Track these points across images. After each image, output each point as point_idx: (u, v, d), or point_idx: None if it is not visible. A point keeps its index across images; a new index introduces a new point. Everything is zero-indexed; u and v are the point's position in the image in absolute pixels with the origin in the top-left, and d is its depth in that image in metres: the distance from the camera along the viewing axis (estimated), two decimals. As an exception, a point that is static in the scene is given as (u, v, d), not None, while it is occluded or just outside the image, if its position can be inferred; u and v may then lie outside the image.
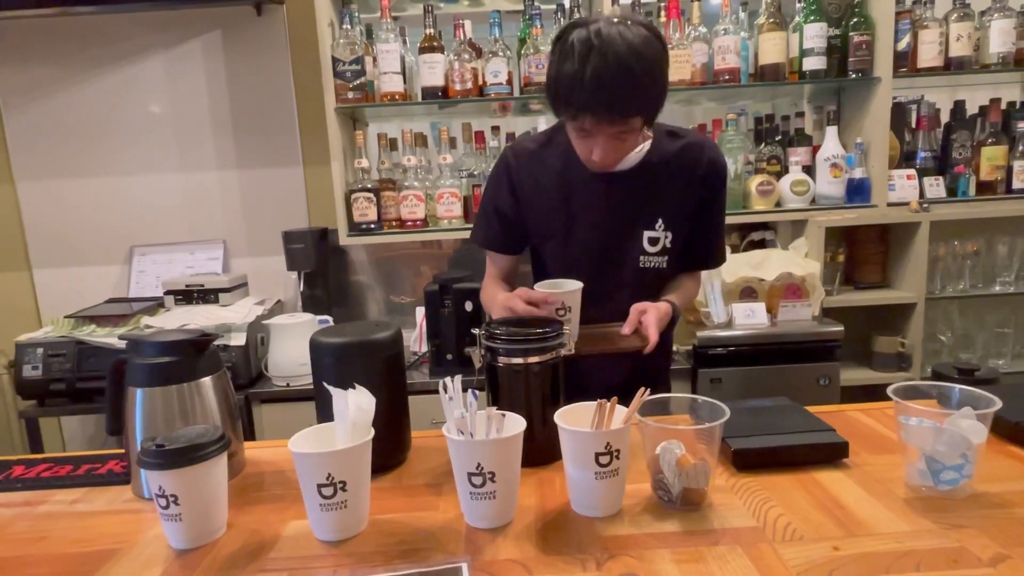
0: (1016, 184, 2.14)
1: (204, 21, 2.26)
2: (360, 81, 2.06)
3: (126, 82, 2.28)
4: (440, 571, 0.62)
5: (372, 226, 2.11)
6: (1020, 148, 2.13)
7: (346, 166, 2.14)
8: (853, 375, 2.17)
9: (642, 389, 0.73)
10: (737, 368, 1.99)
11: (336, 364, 0.84)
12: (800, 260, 2.08)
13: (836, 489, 0.76)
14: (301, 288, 2.20)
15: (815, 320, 2.04)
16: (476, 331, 0.90)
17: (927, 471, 0.73)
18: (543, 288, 1.01)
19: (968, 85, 2.32)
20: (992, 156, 2.14)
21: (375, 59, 2.08)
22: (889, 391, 0.76)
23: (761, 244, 2.28)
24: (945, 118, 2.25)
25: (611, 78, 0.88)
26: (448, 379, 0.73)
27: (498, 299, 1.07)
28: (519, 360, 0.86)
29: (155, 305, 2.12)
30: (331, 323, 2.04)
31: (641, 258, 1.12)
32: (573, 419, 0.74)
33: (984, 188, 2.15)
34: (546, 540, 0.68)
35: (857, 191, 2.12)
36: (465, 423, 0.69)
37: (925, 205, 2.09)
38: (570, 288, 1.00)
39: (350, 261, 2.41)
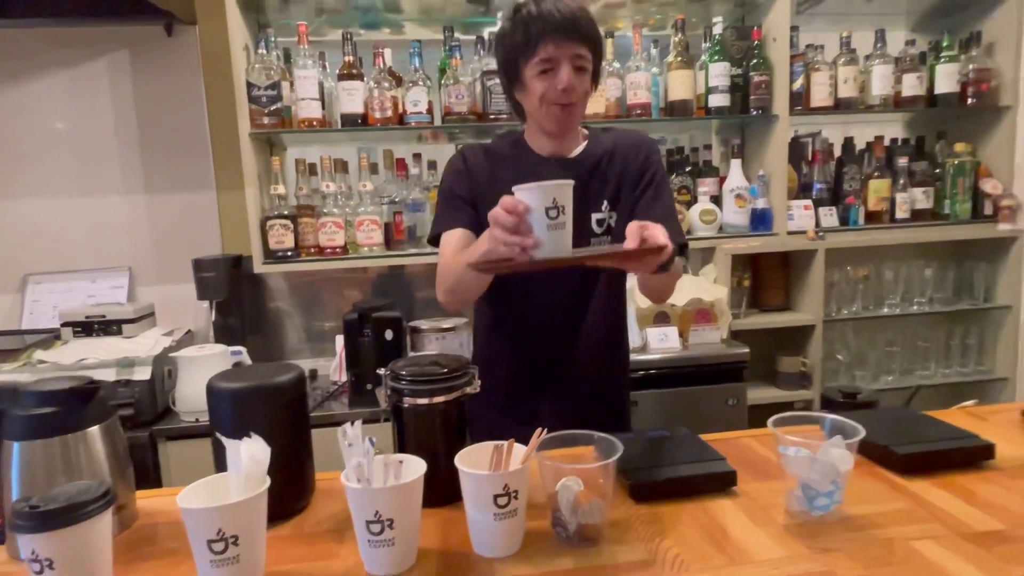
0: (899, 214, 2.33)
1: (110, 39, 2.17)
2: (276, 107, 2.02)
3: (22, 100, 2.15)
4: (334, 624, 0.62)
5: (289, 254, 2.06)
6: (901, 181, 2.33)
7: (261, 192, 2.09)
8: (760, 394, 2.29)
9: (539, 429, 0.75)
10: (653, 391, 2.06)
11: (234, 410, 0.82)
12: (709, 285, 2.19)
13: (723, 518, 0.80)
14: (213, 318, 2.12)
15: (723, 343, 2.14)
16: (381, 371, 0.90)
17: (803, 497, 0.78)
18: (523, 188, 0.82)
19: (861, 122, 2.53)
20: (878, 189, 2.32)
21: (292, 84, 2.06)
22: (769, 423, 0.81)
23: (674, 270, 2.38)
24: (839, 153, 2.43)
25: (563, 6, 1.05)
26: (348, 424, 0.72)
27: (474, 248, 0.97)
28: (424, 400, 0.86)
29: (51, 338, 1.99)
30: (244, 354, 1.97)
31: (591, 240, 1.18)
32: (474, 460, 0.75)
33: (872, 218, 2.33)
34: (445, 585, 0.69)
35: (760, 220, 2.25)
36: (362, 470, 0.69)
37: (820, 234, 2.24)
38: (558, 181, 0.83)
39: (267, 289, 2.35)
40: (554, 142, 1.17)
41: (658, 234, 0.85)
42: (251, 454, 0.69)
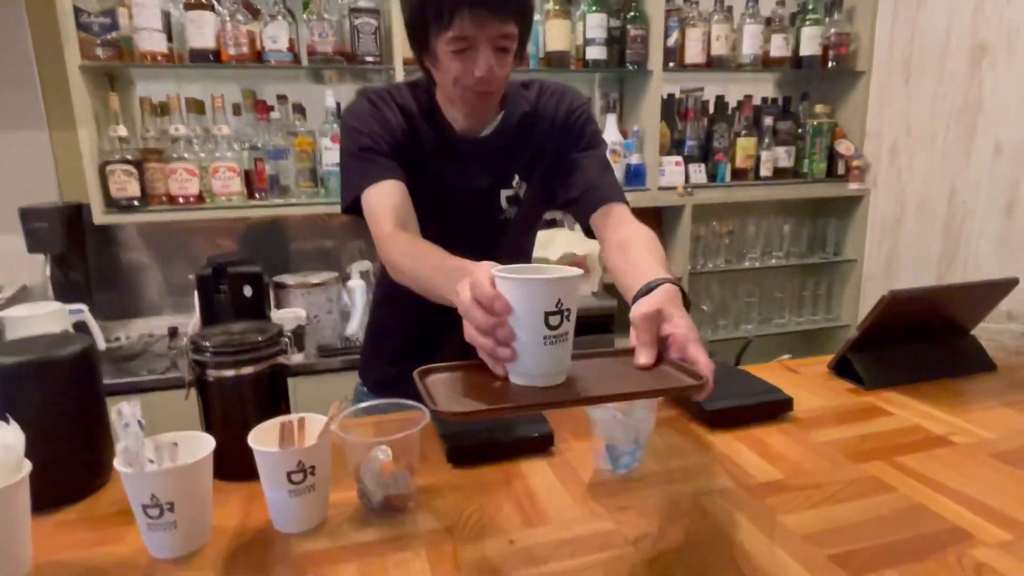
0: (763, 172, 2.44)
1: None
2: (112, 36, 1.81)
3: None
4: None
5: (135, 202, 1.89)
6: (766, 140, 2.43)
7: (100, 133, 1.89)
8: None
9: (336, 402, 0.72)
10: (525, 343, 2.09)
11: (6, 388, 0.74)
12: (582, 240, 2.22)
13: (534, 480, 0.82)
14: (49, 272, 1.92)
15: (594, 296, 2.19)
16: (184, 341, 0.83)
17: (607, 456, 0.81)
18: (507, 274, 0.59)
19: (738, 80, 2.59)
20: (745, 146, 2.42)
21: (131, 11, 1.84)
22: (578, 388, 0.83)
23: (552, 223, 2.40)
24: (712, 110, 2.50)
25: None
26: (124, 404, 0.67)
27: (445, 270, 0.76)
28: (230, 372, 0.81)
29: None
30: (85, 312, 1.82)
31: (496, 220, 1.08)
32: (274, 434, 0.72)
33: (738, 175, 2.43)
34: (234, 566, 0.66)
35: (634, 175, 2.29)
36: (131, 455, 0.64)
37: (689, 190, 2.32)
38: (566, 274, 0.61)
39: (117, 240, 2.15)
40: (468, 118, 1.03)
41: (689, 342, 0.64)
42: (2, 442, 0.63)
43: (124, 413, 0.66)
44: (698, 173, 2.37)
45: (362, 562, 0.66)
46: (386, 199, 0.95)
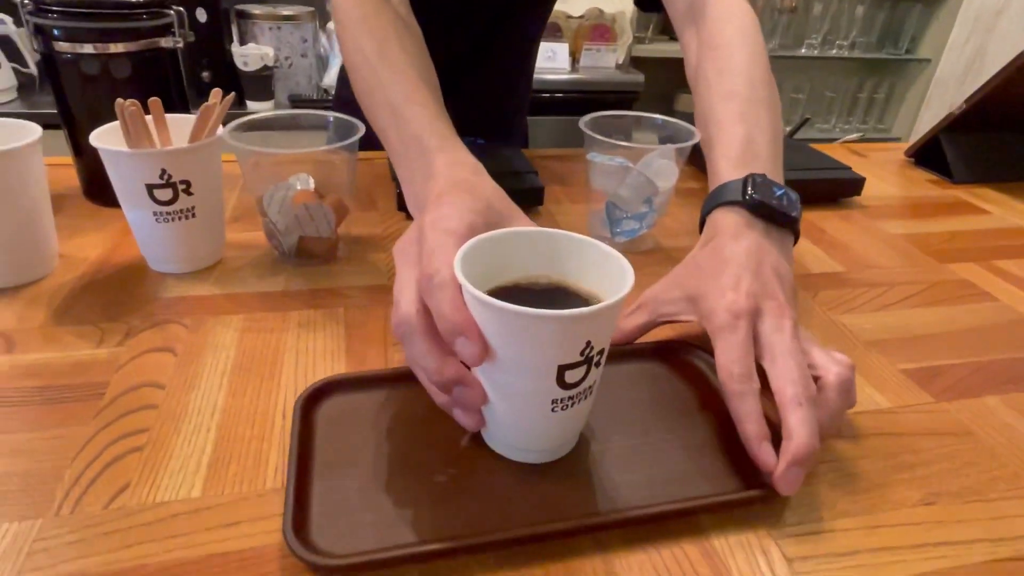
0: (849, -69, 1.96)
1: None
2: None
3: None
4: None
5: None
6: None
7: None
8: (651, 134, 2.10)
9: (216, 89, 0.49)
10: (529, 117, 1.81)
11: None
12: (614, -5, 1.83)
13: (509, 241, 0.62)
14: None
15: (619, 69, 1.86)
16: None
17: (607, 219, 0.60)
18: (481, 294, 0.29)
19: None
20: None
21: None
22: (582, 121, 0.59)
23: (579, -26, 1.97)
24: None
25: None
26: None
27: (400, 125, 0.47)
28: (90, 48, 0.57)
29: None
30: (7, 24, 1.52)
31: None
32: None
33: (818, -69, 1.95)
34: (73, 305, 0.48)
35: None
36: None
37: (755, -57, 1.86)
38: (610, 300, 0.30)
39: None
40: None
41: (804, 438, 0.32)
42: None
43: None
44: (770, -79, 1.89)
45: (253, 316, 0.48)
46: None
